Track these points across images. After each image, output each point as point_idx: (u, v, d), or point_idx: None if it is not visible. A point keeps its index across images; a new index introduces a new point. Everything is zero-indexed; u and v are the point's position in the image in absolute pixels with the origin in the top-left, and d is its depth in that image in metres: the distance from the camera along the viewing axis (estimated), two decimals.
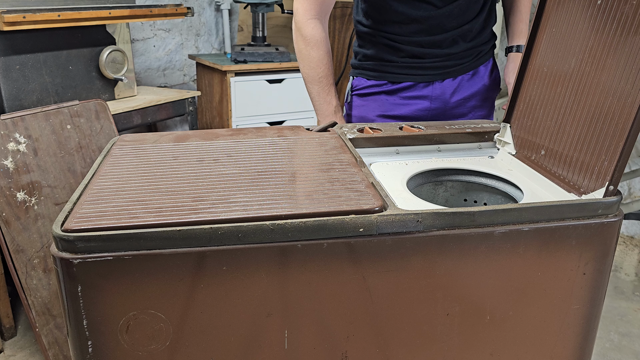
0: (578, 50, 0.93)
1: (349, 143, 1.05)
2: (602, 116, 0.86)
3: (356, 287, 0.76)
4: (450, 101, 1.42)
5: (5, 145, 1.66)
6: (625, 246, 2.71)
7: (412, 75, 1.39)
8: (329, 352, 0.79)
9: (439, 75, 1.39)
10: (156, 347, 0.74)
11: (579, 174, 0.89)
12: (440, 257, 0.77)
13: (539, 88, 1.02)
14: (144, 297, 0.71)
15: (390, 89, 1.41)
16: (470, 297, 0.80)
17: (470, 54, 1.41)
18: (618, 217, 0.82)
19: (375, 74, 1.43)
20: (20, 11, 1.73)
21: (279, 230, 0.71)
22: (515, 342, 0.85)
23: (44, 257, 1.70)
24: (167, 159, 0.92)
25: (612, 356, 1.93)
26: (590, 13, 0.91)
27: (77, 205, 0.76)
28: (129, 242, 0.69)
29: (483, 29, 1.41)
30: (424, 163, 1.06)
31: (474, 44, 1.40)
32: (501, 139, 1.11)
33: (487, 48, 1.45)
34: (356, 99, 1.47)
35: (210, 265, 0.71)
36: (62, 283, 0.70)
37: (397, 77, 1.40)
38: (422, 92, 1.41)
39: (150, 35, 2.89)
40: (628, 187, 2.74)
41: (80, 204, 0.76)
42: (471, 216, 0.76)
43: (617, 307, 2.21)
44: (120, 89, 2.21)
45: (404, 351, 0.81)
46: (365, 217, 0.73)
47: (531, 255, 0.80)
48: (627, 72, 0.82)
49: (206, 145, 1.00)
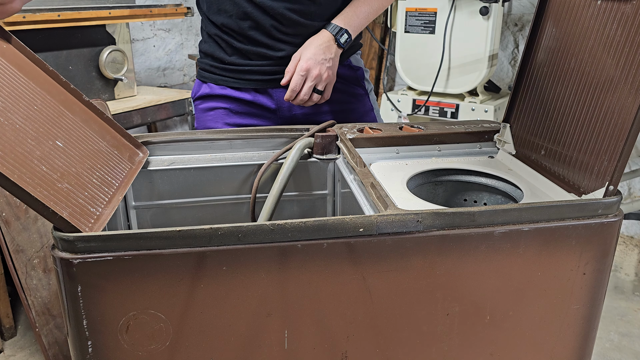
0: (578, 50, 0.93)
1: (349, 143, 1.05)
2: (602, 116, 0.86)
3: (356, 287, 0.76)
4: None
5: None
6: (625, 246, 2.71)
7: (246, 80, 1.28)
8: (329, 352, 0.79)
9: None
10: (156, 347, 0.74)
11: (579, 174, 0.89)
12: (440, 257, 0.77)
13: (539, 88, 1.02)
14: (144, 297, 0.71)
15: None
16: (470, 297, 0.80)
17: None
18: (618, 217, 0.82)
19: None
20: (20, 11, 1.73)
21: (279, 230, 0.71)
22: (515, 342, 0.85)
23: (44, 257, 1.70)
24: None
25: (612, 356, 1.93)
26: (590, 13, 0.91)
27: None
28: (129, 242, 0.69)
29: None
30: (424, 163, 1.06)
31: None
32: (501, 139, 1.11)
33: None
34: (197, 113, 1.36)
35: (210, 265, 0.71)
36: (62, 283, 0.70)
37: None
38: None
39: (150, 35, 2.89)
40: (628, 187, 2.74)
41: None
42: (471, 216, 0.76)
43: (617, 307, 2.21)
44: (120, 89, 2.21)
45: (404, 351, 0.81)
46: (365, 217, 0.74)
47: (531, 255, 0.79)
48: (627, 72, 0.82)
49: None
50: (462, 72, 2.40)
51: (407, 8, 2.45)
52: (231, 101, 1.30)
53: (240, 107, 1.30)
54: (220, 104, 1.31)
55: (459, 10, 2.34)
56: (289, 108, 1.29)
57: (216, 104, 1.31)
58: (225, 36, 1.25)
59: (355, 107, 1.35)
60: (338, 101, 1.31)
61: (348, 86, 1.33)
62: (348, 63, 1.32)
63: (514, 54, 2.86)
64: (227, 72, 1.29)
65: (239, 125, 1.30)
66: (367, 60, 3.07)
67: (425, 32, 2.42)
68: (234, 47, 1.25)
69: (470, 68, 2.38)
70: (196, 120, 1.38)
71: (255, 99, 1.29)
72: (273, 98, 1.28)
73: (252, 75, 1.27)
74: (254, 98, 1.29)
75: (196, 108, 1.37)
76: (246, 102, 1.29)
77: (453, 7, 2.33)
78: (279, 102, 1.28)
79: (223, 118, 1.31)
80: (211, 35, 1.29)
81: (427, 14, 2.40)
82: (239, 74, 1.27)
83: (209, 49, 1.30)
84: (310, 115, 1.30)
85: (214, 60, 1.30)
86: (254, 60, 1.25)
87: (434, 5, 2.37)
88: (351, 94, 1.34)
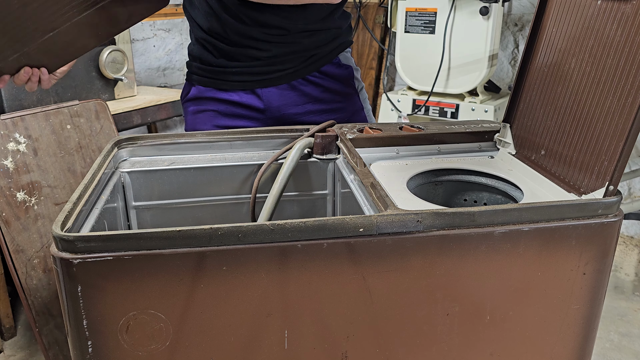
0: (578, 50, 0.93)
1: (349, 143, 1.05)
2: (602, 116, 0.86)
3: (356, 287, 0.76)
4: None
5: (5, 145, 1.66)
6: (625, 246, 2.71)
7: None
8: (329, 352, 0.79)
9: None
10: (156, 347, 0.74)
11: (579, 174, 0.89)
12: (440, 257, 0.77)
13: (539, 88, 1.02)
14: (144, 297, 0.71)
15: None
16: (470, 297, 0.80)
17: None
18: (618, 217, 0.82)
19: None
20: None
21: (279, 230, 0.71)
22: (515, 342, 0.85)
23: (44, 257, 1.70)
24: None
25: (612, 356, 1.93)
26: (590, 13, 0.91)
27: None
28: (129, 242, 0.69)
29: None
30: (424, 163, 1.06)
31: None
32: (501, 139, 1.11)
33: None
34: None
35: (210, 265, 0.71)
36: (62, 283, 0.70)
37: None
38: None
39: (150, 35, 2.89)
40: (628, 187, 2.74)
41: None
42: (471, 216, 0.76)
43: (617, 307, 2.21)
44: (120, 89, 2.21)
45: (404, 351, 0.81)
46: (365, 217, 0.74)
47: (531, 255, 0.79)
48: (627, 72, 0.82)
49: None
50: (462, 72, 2.40)
51: (407, 8, 2.45)
52: (219, 103, 1.30)
53: (228, 108, 1.30)
54: (208, 106, 1.31)
55: (459, 10, 2.34)
56: (278, 108, 1.28)
57: (204, 107, 1.32)
58: (211, 39, 1.25)
59: (343, 107, 1.34)
60: (326, 100, 1.30)
61: (336, 85, 1.32)
62: (337, 61, 1.31)
63: (514, 54, 2.86)
64: (214, 75, 1.28)
65: (228, 127, 1.29)
66: (367, 60, 3.07)
67: (425, 32, 2.43)
68: (221, 50, 1.25)
69: (470, 68, 2.38)
70: (185, 123, 1.38)
71: (243, 100, 1.28)
72: (261, 98, 1.28)
73: (240, 76, 1.26)
74: (240, 99, 1.28)
75: (185, 111, 1.37)
76: (234, 104, 1.29)
77: (453, 7, 2.33)
78: (267, 102, 1.28)
79: (212, 120, 1.31)
80: (198, 39, 1.29)
81: (427, 14, 2.40)
82: (226, 75, 1.27)
83: (197, 52, 1.30)
84: (299, 115, 1.30)
85: (202, 63, 1.30)
86: (242, 62, 1.25)
87: (434, 5, 2.37)
88: (339, 92, 1.33)
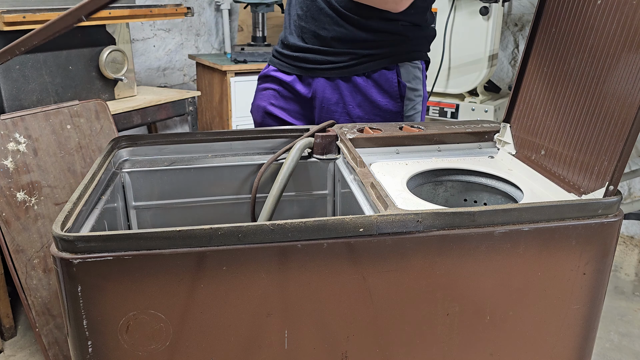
0: (578, 50, 0.93)
1: (349, 143, 1.05)
2: (602, 116, 0.86)
3: (356, 287, 0.76)
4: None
5: (5, 145, 1.66)
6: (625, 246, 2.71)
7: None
8: (329, 352, 0.79)
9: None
10: (156, 347, 0.74)
11: (579, 174, 0.89)
12: (440, 257, 0.77)
13: (539, 88, 1.02)
14: (144, 297, 0.71)
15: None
16: (470, 297, 0.80)
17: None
18: (618, 217, 0.82)
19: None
20: (20, 11, 1.73)
21: (279, 230, 0.71)
22: (515, 342, 0.85)
23: (44, 257, 1.70)
24: None
25: (612, 356, 1.93)
26: (590, 13, 0.91)
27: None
28: (129, 242, 0.69)
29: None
30: (424, 163, 1.06)
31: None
32: (501, 139, 1.11)
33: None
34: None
35: (210, 265, 0.71)
36: (62, 283, 0.70)
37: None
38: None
39: (150, 35, 2.89)
40: (628, 187, 2.74)
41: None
42: (471, 216, 0.76)
43: (617, 307, 2.21)
44: (120, 89, 2.21)
45: (404, 351, 0.81)
46: (365, 217, 0.74)
47: (531, 255, 0.79)
48: (627, 72, 0.82)
49: None
50: (462, 72, 2.40)
51: None
52: (279, 84, 1.39)
53: (285, 91, 1.39)
54: (272, 85, 1.41)
55: (459, 10, 2.34)
56: (321, 100, 1.33)
57: (269, 85, 1.42)
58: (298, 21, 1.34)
59: (380, 122, 1.30)
60: (364, 108, 1.29)
61: (380, 97, 1.29)
62: (394, 71, 1.28)
63: (514, 54, 2.86)
64: (282, 57, 1.38)
65: (283, 107, 1.39)
66: None
67: None
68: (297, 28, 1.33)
69: (470, 68, 2.38)
70: (253, 98, 1.49)
71: (294, 85, 1.36)
72: (310, 87, 1.34)
73: (300, 62, 1.33)
74: (293, 83, 1.36)
75: (257, 87, 1.47)
76: (289, 87, 1.37)
77: (453, 7, 2.33)
78: (315, 91, 1.33)
79: (270, 99, 1.41)
80: (288, 23, 1.38)
81: None
82: (289, 59, 1.35)
83: (282, 34, 1.40)
84: (337, 113, 1.33)
85: (279, 45, 1.40)
86: (308, 45, 1.31)
87: (434, 5, 2.36)
88: (380, 107, 1.29)
